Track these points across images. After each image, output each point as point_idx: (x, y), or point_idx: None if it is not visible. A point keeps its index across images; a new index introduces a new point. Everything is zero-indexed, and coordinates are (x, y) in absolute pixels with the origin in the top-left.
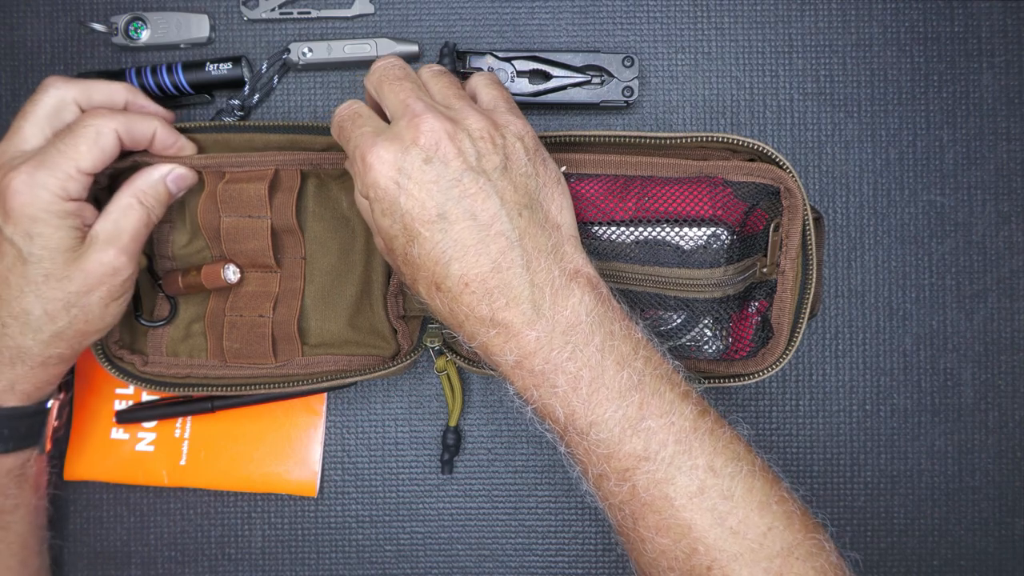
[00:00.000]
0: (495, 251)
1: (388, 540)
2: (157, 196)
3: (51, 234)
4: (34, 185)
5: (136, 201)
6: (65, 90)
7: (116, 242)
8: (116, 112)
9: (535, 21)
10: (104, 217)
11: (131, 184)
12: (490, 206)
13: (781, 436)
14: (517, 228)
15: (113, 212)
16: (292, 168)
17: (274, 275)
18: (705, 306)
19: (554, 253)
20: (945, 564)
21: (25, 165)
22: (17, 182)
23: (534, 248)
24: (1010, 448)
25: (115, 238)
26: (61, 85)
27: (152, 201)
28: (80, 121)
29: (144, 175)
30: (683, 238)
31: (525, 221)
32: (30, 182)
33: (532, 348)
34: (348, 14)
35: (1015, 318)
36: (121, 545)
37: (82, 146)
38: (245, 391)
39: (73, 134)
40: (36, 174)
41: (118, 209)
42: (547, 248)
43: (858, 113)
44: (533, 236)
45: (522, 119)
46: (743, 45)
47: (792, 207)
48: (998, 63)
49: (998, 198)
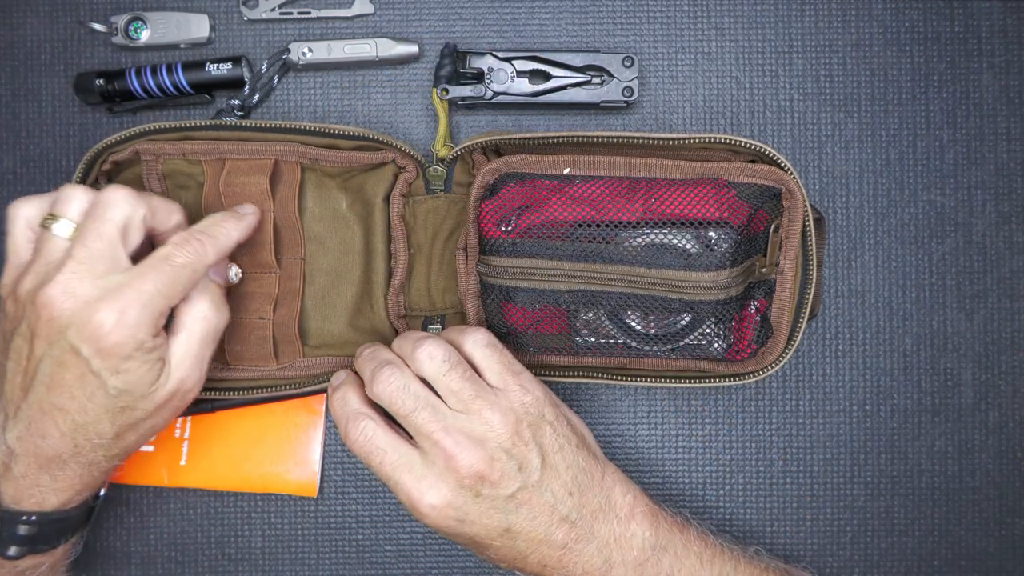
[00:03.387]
0: (561, 535)
1: (388, 540)
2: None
3: (137, 369)
4: (129, 324)
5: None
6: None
7: (184, 365)
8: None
9: (535, 21)
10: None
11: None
12: (546, 502)
13: (781, 436)
14: (574, 507)
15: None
16: (292, 161)
17: (273, 276)
18: (709, 308)
19: (608, 505)
20: (945, 564)
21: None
22: (112, 318)
23: (591, 514)
24: (1010, 448)
25: (183, 360)
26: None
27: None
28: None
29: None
30: (689, 240)
31: (577, 495)
32: (124, 321)
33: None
34: (348, 14)
35: (1015, 318)
36: (121, 545)
37: (178, 287)
38: (247, 395)
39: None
40: (129, 312)
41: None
42: (602, 506)
43: (858, 113)
44: (587, 503)
45: (532, 384)
46: (743, 45)
47: (793, 208)
48: (998, 63)
49: (998, 198)
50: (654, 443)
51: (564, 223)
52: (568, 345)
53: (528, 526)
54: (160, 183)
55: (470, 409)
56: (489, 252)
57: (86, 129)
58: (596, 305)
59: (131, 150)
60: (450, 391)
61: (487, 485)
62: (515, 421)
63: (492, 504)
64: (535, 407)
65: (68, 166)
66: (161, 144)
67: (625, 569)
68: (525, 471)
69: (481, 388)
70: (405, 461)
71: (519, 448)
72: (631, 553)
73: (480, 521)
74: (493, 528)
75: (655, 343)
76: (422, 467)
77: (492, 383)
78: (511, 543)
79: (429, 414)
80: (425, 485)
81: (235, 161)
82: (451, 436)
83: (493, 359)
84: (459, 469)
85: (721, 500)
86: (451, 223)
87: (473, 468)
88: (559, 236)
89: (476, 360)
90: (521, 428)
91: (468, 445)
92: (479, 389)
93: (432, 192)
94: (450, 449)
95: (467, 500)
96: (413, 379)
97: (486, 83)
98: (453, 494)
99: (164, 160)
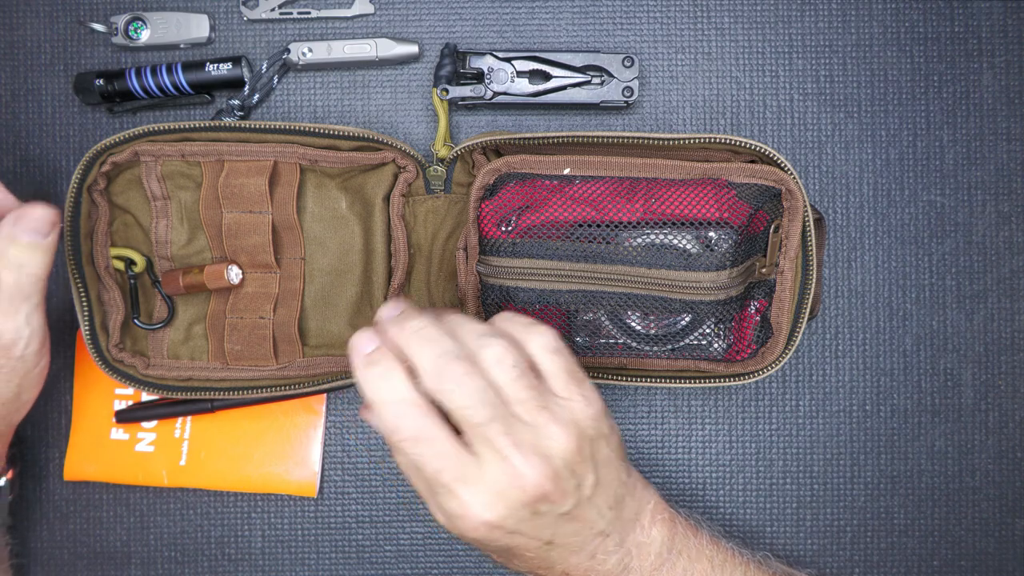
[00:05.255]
0: (594, 547)
1: (388, 540)
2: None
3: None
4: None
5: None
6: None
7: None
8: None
9: (535, 21)
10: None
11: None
12: (591, 517)
13: (781, 436)
14: (612, 520)
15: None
16: (291, 162)
17: (273, 276)
18: (710, 308)
19: (637, 517)
20: (945, 564)
21: None
22: None
23: (623, 526)
24: (1010, 448)
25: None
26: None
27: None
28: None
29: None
30: (689, 240)
31: (616, 509)
32: None
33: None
34: (348, 14)
35: (1015, 318)
36: (121, 545)
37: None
38: (247, 394)
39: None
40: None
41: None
42: (633, 517)
43: (858, 113)
44: (622, 515)
45: (594, 394)
46: (743, 45)
47: (793, 208)
48: (998, 63)
49: (998, 198)
50: (654, 443)
51: (564, 223)
52: (568, 345)
53: (569, 540)
54: (160, 184)
55: (537, 421)
56: (489, 252)
57: (86, 129)
58: (596, 305)
59: (130, 151)
60: (517, 400)
61: (547, 503)
62: (578, 436)
63: (544, 521)
64: (596, 421)
65: (68, 166)
66: (160, 145)
67: (640, 574)
68: (581, 488)
69: (547, 398)
70: (465, 473)
71: (580, 466)
72: (648, 559)
73: (528, 534)
74: (535, 541)
75: (655, 343)
76: (479, 479)
77: (556, 391)
78: (546, 554)
79: (502, 427)
80: (481, 501)
81: (234, 163)
82: (520, 452)
83: (560, 366)
84: (526, 488)
85: (721, 500)
86: (451, 223)
87: (540, 488)
88: (559, 236)
89: (541, 364)
90: (583, 444)
91: (536, 463)
92: (545, 399)
93: (432, 192)
94: (519, 467)
95: (524, 518)
96: (488, 385)
97: (486, 83)
98: (510, 512)
99: (163, 161)
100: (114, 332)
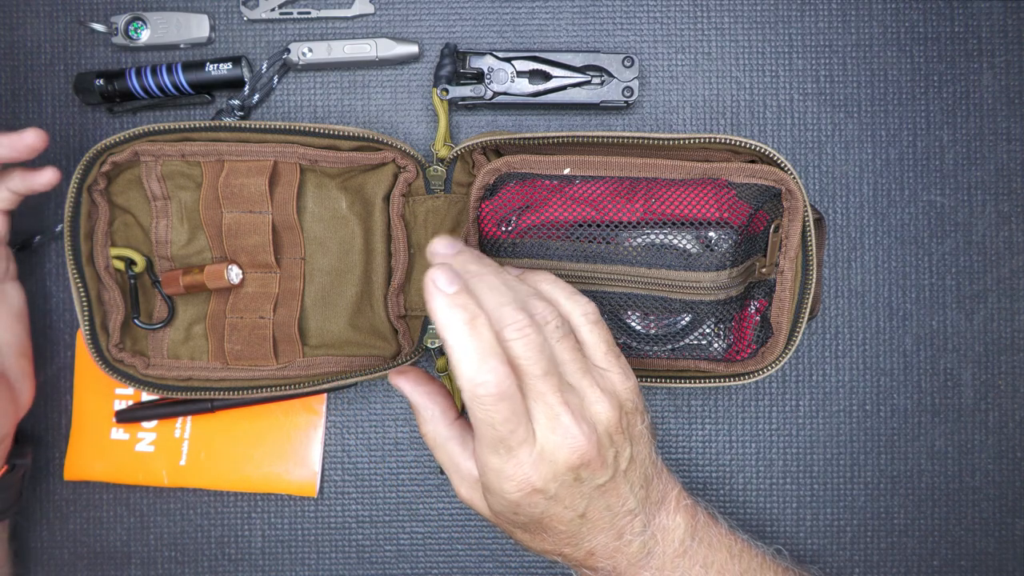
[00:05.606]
0: (622, 525)
1: (388, 540)
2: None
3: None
4: None
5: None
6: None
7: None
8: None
9: (535, 21)
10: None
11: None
12: (623, 493)
13: (781, 436)
14: (642, 500)
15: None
16: (291, 162)
17: (273, 275)
18: (710, 308)
19: (663, 499)
20: (945, 564)
21: None
22: None
23: (651, 507)
24: (1010, 448)
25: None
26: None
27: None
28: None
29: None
30: (689, 240)
31: (645, 488)
32: None
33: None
34: (348, 14)
35: (1015, 318)
36: (121, 545)
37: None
38: (247, 394)
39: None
40: None
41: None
42: (660, 499)
43: (858, 113)
44: (651, 496)
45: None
46: (743, 45)
47: (792, 208)
48: (998, 63)
49: (998, 198)
50: None
51: (564, 223)
52: None
53: (600, 515)
54: (160, 184)
55: (581, 385)
56: (489, 252)
57: (86, 129)
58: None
59: (130, 151)
60: (563, 361)
61: (588, 470)
62: (619, 406)
63: (582, 490)
64: (633, 393)
65: (68, 166)
66: (160, 145)
67: (663, 560)
68: (618, 460)
69: (588, 365)
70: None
71: (619, 436)
72: (671, 545)
73: (566, 503)
74: (570, 512)
75: (655, 343)
76: (533, 439)
77: (597, 363)
78: (577, 528)
79: (557, 382)
80: (531, 461)
81: (234, 163)
82: (570, 413)
83: (600, 337)
84: (574, 449)
85: (721, 500)
86: (451, 223)
87: (586, 453)
88: (559, 236)
89: (582, 334)
90: (622, 415)
91: (584, 426)
92: (587, 366)
93: (432, 192)
94: (569, 428)
95: (567, 483)
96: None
97: (486, 83)
98: (555, 474)
99: (163, 161)
100: (114, 332)
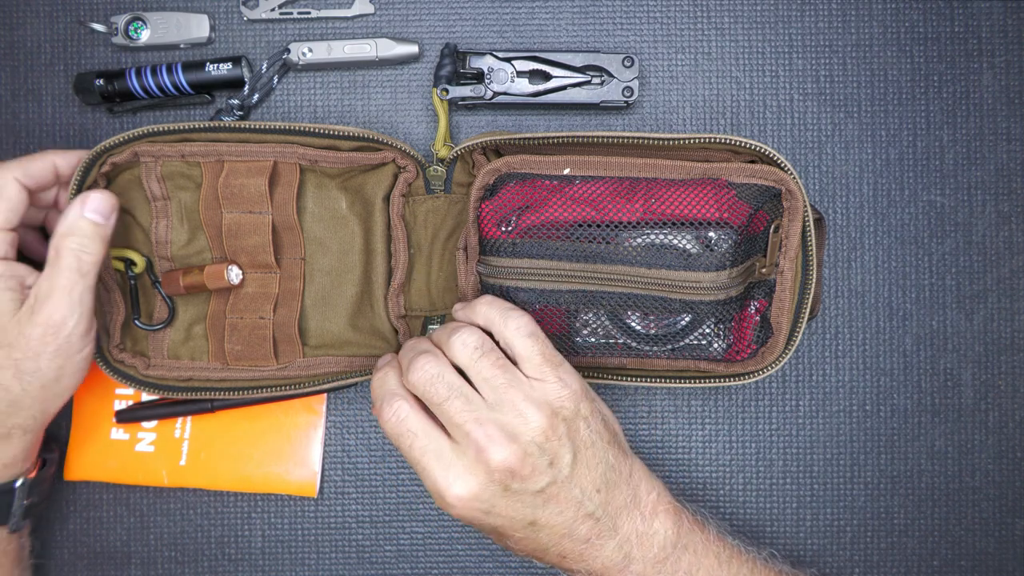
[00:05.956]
0: (585, 530)
1: (388, 540)
2: (83, 235)
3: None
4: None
5: (59, 250)
6: None
7: (51, 297)
8: (8, 162)
9: (535, 21)
10: (39, 275)
11: (54, 234)
12: (573, 498)
13: (781, 436)
14: (600, 503)
15: (46, 268)
16: (291, 162)
17: (273, 276)
18: (709, 308)
19: (633, 502)
20: (945, 564)
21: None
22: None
23: (616, 511)
24: (1010, 448)
25: (49, 293)
26: None
27: (77, 244)
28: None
29: (61, 220)
30: (689, 241)
31: (604, 492)
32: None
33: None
34: (348, 14)
35: (1015, 318)
36: (121, 545)
37: None
38: (247, 394)
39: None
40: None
41: (48, 264)
42: (628, 503)
43: (858, 113)
44: (614, 500)
45: (571, 377)
46: (743, 45)
47: (792, 208)
48: (998, 63)
49: (998, 198)
50: (654, 443)
51: (564, 223)
52: (568, 345)
53: (553, 520)
54: (159, 184)
55: (503, 399)
56: (489, 252)
57: (86, 129)
58: (596, 305)
59: (130, 152)
60: (482, 378)
61: (517, 479)
62: (550, 415)
63: (520, 498)
64: (571, 401)
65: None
66: (160, 146)
67: (644, 565)
68: (556, 467)
69: (515, 378)
70: (435, 447)
71: (552, 443)
72: (651, 551)
73: (506, 514)
74: (518, 521)
75: (655, 343)
76: (452, 456)
77: (529, 374)
78: (534, 535)
79: (462, 403)
80: (453, 475)
81: (234, 163)
82: (483, 427)
83: (534, 349)
84: (489, 462)
85: (721, 500)
86: (451, 223)
87: (504, 462)
88: (559, 236)
89: (516, 348)
90: (556, 423)
91: (500, 438)
92: (512, 378)
93: (432, 192)
94: (481, 441)
95: (495, 493)
96: (448, 368)
97: (486, 83)
98: (481, 487)
99: (163, 162)
100: (114, 333)
